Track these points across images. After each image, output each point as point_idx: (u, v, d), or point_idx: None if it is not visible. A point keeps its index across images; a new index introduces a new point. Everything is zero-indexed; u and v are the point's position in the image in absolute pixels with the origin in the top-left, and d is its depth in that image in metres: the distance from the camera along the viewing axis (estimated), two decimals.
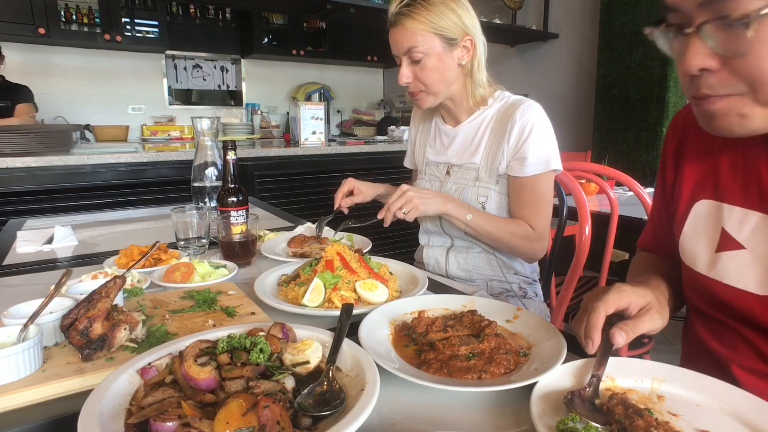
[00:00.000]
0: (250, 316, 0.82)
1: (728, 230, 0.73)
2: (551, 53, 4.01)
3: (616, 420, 0.54)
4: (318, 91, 5.08)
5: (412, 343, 0.75)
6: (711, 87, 0.59)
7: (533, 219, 1.27)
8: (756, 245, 0.70)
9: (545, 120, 1.27)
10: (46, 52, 3.92)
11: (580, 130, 3.70)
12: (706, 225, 0.77)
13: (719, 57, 0.56)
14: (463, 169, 1.35)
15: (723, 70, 0.57)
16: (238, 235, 1.17)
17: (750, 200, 0.72)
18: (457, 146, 1.39)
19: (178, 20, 4.40)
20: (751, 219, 0.71)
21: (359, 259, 0.99)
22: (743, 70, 0.56)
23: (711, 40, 0.56)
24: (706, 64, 0.57)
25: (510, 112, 1.28)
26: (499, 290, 1.36)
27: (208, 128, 1.42)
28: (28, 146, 2.45)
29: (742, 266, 0.71)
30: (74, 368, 0.64)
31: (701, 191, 0.78)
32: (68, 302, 0.75)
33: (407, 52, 1.23)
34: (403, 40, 1.22)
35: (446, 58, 1.24)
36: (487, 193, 1.31)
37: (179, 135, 4.34)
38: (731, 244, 0.72)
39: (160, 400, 0.54)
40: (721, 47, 0.56)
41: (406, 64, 1.25)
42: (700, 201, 0.78)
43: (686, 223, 0.79)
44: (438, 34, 1.21)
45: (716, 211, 0.76)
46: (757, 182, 0.71)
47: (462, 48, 1.25)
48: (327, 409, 0.53)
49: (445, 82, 1.27)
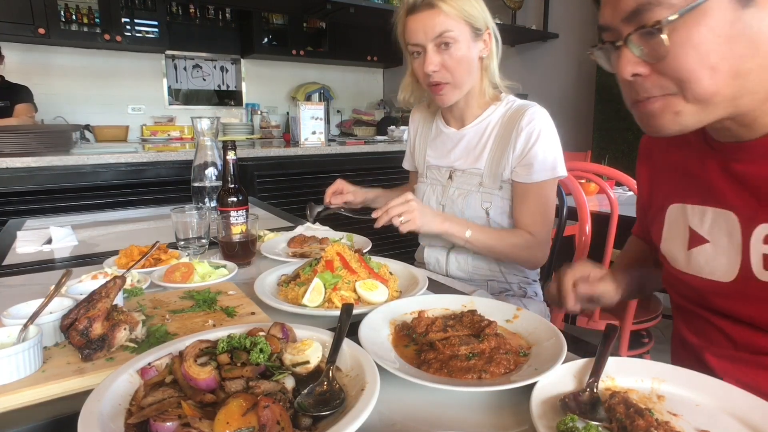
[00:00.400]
0: (250, 316, 0.82)
1: (694, 228, 0.81)
2: (551, 53, 4.01)
3: (617, 419, 0.54)
4: (318, 91, 5.08)
5: (412, 343, 0.75)
6: (646, 90, 0.67)
7: (535, 226, 1.25)
8: (716, 237, 0.77)
9: (551, 126, 1.25)
10: (46, 52, 3.92)
11: (579, 130, 3.69)
12: (677, 226, 0.85)
13: (647, 63, 0.64)
14: (467, 174, 1.33)
15: (653, 74, 0.65)
16: (237, 235, 1.17)
17: (705, 197, 0.80)
18: (460, 150, 1.36)
19: (177, 20, 4.40)
20: (708, 214, 0.79)
21: (359, 259, 0.98)
22: (668, 72, 0.63)
23: (638, 49, 0.64)
24: (636, 70, 0.65)
25: (516, 117, 1.26)
26: (499, 290, 1.36)
27: (207, 128, 1.42)
28: (28, 146, 2.45)
29: (709, 258, 0.78)
30: (74, 368, 0.64)
31: (671, 197, 0.87)
32: (68, 302, 0.75)
33: (438, 37, 1.17)
34: (436, 24, 1.17)
35: (473, 49, 1.21)
36: (490, 198, 1.29)
37: (179, 135, 4.33)
38: (698, 240, 0.80)
39: (160, 400, 0.54)
40: (646, 54, 0.63)
41: (434, 52, 1.19)
42: (670, 206, 0.86)
43: (663, 229, 0.87)
44: (468, 22, 1.19)
45: (683, 213, 0.84)
46: (705, 179, 0.79)
47: (483, 41, 1.23)
48: (327, 409, 0.53)
49: (470, 74, 1.24)
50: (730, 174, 0.74)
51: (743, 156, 0.72)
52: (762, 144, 0.69)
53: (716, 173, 0.77)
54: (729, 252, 0.75)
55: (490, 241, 1.23)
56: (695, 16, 0.59)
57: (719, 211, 0.77)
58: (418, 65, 1.25)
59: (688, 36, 0.60)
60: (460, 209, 1.34)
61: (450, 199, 1.36)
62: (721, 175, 0.76)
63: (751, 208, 0.72)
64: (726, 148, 0.74)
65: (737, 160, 0.73)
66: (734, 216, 0.74)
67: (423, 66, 1.23)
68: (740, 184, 0.73)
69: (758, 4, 0.59)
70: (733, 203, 0.74)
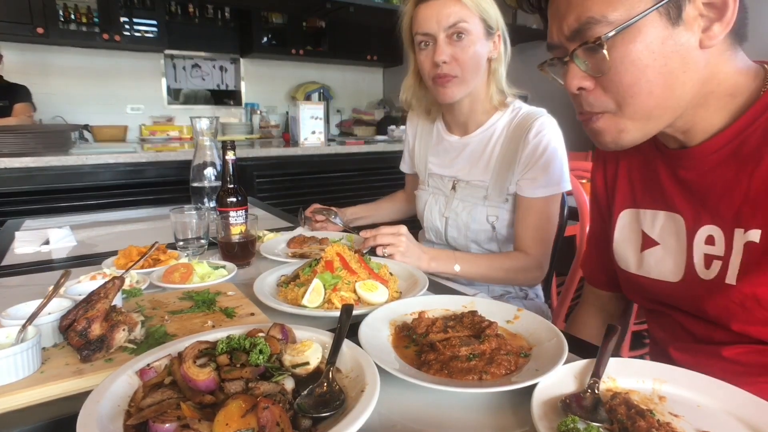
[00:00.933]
0: (249, 316, 0.82)
1: (646, 231, 0.85)
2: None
3: (618, 420, 0.54)
4: (317, 90, 5.07)
5: (413, 343, 0.74)
6: (589, 104, 0.72)
7: (534, 244, 1.21)
8: (666, 239, 0.82)
9: (559, 138, 1.21)
10: (45, 51, 3.91)
11: (580, 130, 3.67)
12: (630, 230, 0.89)
13: (592, 78, 0.70)
14: (471, 186, 1.29)
15: (597, 89, 0.70)
16: (237, 236, 1.16)
17: (656, 201, 0.83)
18: (464, 160, 1.31)
19: (176, 20, 4.39)
20: (660, 217, 0.83)
21: (359, 260, 0.98)
22: (610, 87, 0.68)
23: (583, 64, 0.69)
24: (582, 84, 0.70)
25: (523, 127, 1.21)
26: (500, 292, 1.35)
27: (207, 128, 1.41)
28: (27, 146, 2.44)
29: (659, 260, 0.83)
30: (73, 369, 0.64)
31: (624, 202, 0.90)
32: (67, 303, 0.75)
33: (452, 27, 1.14)
34: (451, 12, 1.13)
35: (484, 46, 1.18)
36: (496, 212, 1.25)
37: (178, 135, 4.33)
38: (649, 243, 0.84)
39: (159, 402, 0.54)
40: (591, 69, 0.69)
41: (445, 43, 1.15)
42: (624, 211, 0.90)
43: (615, 232, 0.91)
44: (483, 18, 1.16)
45: (636, 217, 0.88)
46: (658, 184, 0.82)
47: (493, 42, 1.20)
48: (327, 410, 0.53)
49: (478, 72, 1.20)
50: (677, 179, 0.79)
51: (686, 162, 0.77)
52: (700, 151, 0.74)
53: (666, 178, 0.81)
54: (676, 253, 0.80)
55: (482, 269, 1.18)
56: (631, 34, 0.65)
57: (669, 214, 0.81)
58: (426, 57, 1.20)
59: (626, 52, 0.65)
60: (464, 223, 1.30)
61: (454, 212, 1.32)
62: (671, 180, 0.80)
63: (695, 211, 0.76)
64: (673, 154, 0.79)
65: (682, 166, 0.78)
66: (681, 219, 0.79)
67: (431, 56, 1.18)
68: (686, 188, 0.78)
69: (686, 23, 0.65)
70: (680, 206, 0.79)
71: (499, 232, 1.27)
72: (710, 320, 0.77)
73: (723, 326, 0.74)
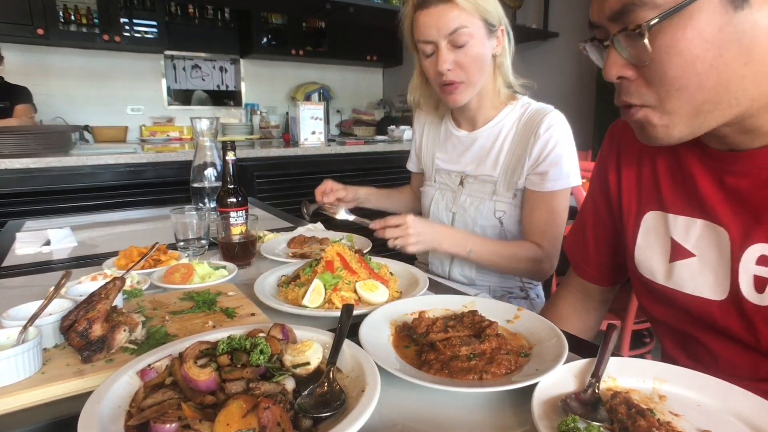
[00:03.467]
0: (250, 317, 0.82)
1: (677, 239, 0.75)
2: (551, 52, 4.01)
3: (619, 420, 0.54)
4: (317, 90, 5.08)
5: (413, 343, 0.74)
6: (629, 95, 0.64)
7: (544, 236, 1.20)
8: (703, 252, 0.71)
9: (569, 134, 1.21)
10: (45, 52, 3.91)
11: (580, 129, 3.66)
12: (656, 236, 0.78)
13: (634, 67, 0.61)
14: (479, 181, 1.28)
15: (639, 80, 0.62)
16: (237, 236, 1.16)
17: (691, 208, 0.73)
18: (473, 154, 1.30)
19: (176, 20, 4.39)
20: (696, 226, 0.72)
21: (359, 260, 0.98)
22: (652, 79, 0.60)
23: (624, 51, 0.61)
24: (622, 73, 0.62)
25: (534, 122, 1.20)
26: (501, 292, 1.35)
27: (207, 129, 1.41)
28: (27, 147, 2.45)
29: (695, 273, 0.73)
30: (74, 370, 0.64)
31: (648, 202, 0.80)
32: (68, 304, 0.75)
33: (453, 33, 1.11)
34: (450, 19, 1.11)
35: (487, 46, 1.16)
36: (504, 207, 1.25)
37: (178, 135, 4.33)
38: (682, 253, 0.74)
39: (160, 402, 0.54)
40: (632, 57, 0.60)
41: (447, 50, 1.13)
42: (648, 212, 0.80)
43: (638, 236, 0.81)
44: (483, 17, 1.13)
45: (663, 222, 0.77)
46: (693, 189, 0.72)
47: (497, 37, 1.18)
48: (327, 410, 0.53)
49: (483, 72, 1.18)
50: (723, 186, 0.69)
51: (740, 168, 0.66)
52: (761, 155, 0.64)
53: (707, 183, 0.70)
54: (717, 269, 0.70)
55: (494, 255, 1.18)
56: (680, 20, 0.55)
57: (709, 224, 0.71)
58: (430, 64, 1.19)
59: (673, 41, 0.56)
60: (472, 218, 1.29)
61: (461, 207, 1.31)
62: (713, 186, 0.70)
63: (745, 225, 0.66)
64: (720, 157, 0.69)
65: (731, 172, 0.68)
66: (725, 232, 0.68)
67: (436, 64, 1.17)
68: (735, 198, 0.67)
69: (752, 5, 0.54)
70: (724, 218, 0.68)
71: (507, 227, 1.27)
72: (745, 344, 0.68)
73: None
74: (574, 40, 3.82)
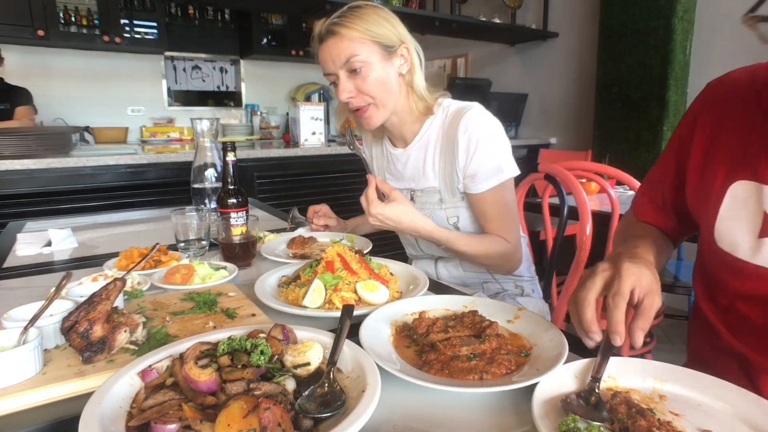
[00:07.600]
0: (250, 317, 0.82)
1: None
2: (551, 52, 4.01)
3: (619, 419, 0.54)
4: (317, 91, 5.08)
5: (413, 343, 0.75)
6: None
7: (505, 231, 1.21)
8: None
9: (490, 127, 1.19)
10: (45, 54, 3.92)
11: (580, 129, 3.69)
12: (745, 208, 0.72)
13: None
14: (425, 194, 1.30)
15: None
16: (238, 237, 1.16)
17: None
18: (411, 170, 1.32)
19: (177, 21, 4.40)
20: None
21: (360, 260, 0.98)
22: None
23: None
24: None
25: (454, 126, 1.21)
26: (495, 291, 1.35)
27: (207, 129, 1.41)
28: (28, 148, 2.45)
29: None
30: (75, 371, 0.64)
31: (738, 171, 0.73)
32: (68, 305, 0.75)
33: (346, 63, 1.15)
34: (341, 50, 1.14)
35: (388, 67, 1.18)
36: (456, 212, 1.27)
37: (179, 136, 4.34)
38: None
39: (161, 403, 0.54)
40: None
41: (346, 78, 1.16)
42: (737, 182, 0.73)
43: (722, 206, 0.74)
44: (376, 41, 1.15)
45: (756, 193, 0.71)
46: None
47: (400, 57, 1.19)
48: (328, 410, 0.53)
49: (391, 93, 1.20)
50: None
51: None
52: None
53: None
54: None
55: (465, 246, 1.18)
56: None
57: None
58: (338, 94, 1.22)
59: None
60: None
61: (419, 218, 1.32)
62: None
63: None
64: None
65: None
66: None
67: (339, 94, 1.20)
68: None
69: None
70: None
71: (464, 230, 1.28)
72: None
73: None
74: (574, 40, 3.82)
